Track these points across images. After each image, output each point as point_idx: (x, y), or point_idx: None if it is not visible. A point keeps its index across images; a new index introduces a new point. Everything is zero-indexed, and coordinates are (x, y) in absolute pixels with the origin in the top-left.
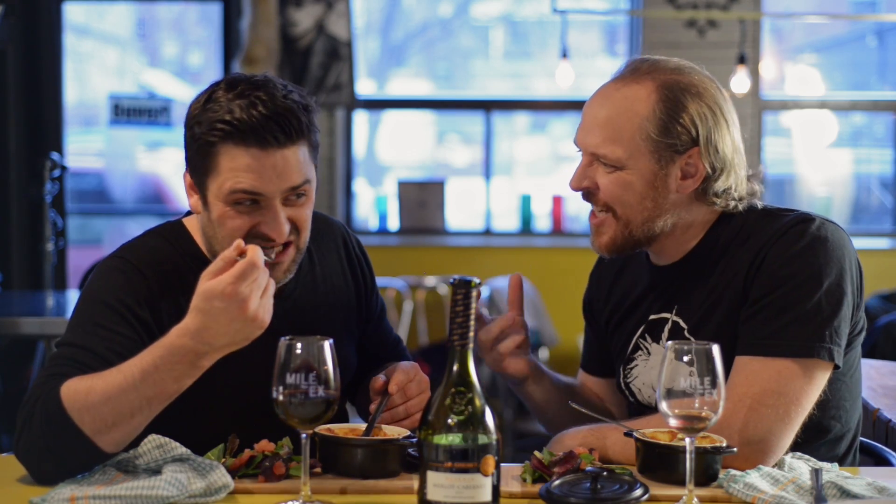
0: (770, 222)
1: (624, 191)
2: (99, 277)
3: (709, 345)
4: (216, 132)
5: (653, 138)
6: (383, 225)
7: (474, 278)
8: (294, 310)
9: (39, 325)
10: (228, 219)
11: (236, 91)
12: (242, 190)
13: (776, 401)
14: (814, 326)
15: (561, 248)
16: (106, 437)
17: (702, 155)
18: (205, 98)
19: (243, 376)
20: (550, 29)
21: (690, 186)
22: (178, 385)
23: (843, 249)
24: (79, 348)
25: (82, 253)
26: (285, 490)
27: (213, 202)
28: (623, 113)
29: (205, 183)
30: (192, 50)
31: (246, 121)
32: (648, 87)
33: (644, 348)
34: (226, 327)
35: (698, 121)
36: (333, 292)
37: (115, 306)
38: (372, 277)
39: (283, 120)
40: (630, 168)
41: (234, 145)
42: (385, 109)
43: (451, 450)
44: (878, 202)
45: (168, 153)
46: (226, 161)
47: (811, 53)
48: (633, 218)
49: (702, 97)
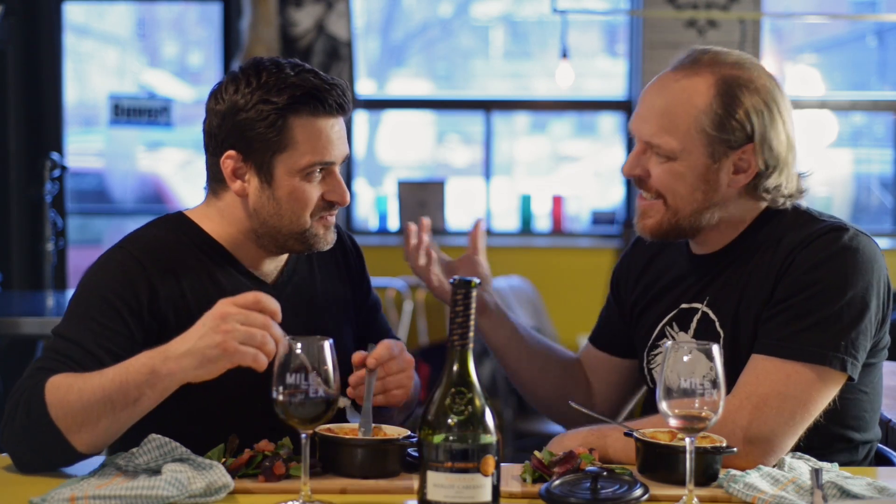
0: (803, 227)
1: (676, 181)
2: (98, 269)
3: (709, 345)
4: (288, 104)
5: (707, 132)
6: (383, 225)
7: (474, 278)
8: (293, 298)
9: (39, 325)
10: (303, 192)
11: (286, 66)
12: (321, 161)
13: (782, 403)
14: (830, 335)
15: (561, 248)
16: (77, 437)
17: (756, 152)
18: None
19: (243, 376)
20: (550, 29)
21: (742, 182)
22: (138, 392)
23: (873, 263)
24: (70, 342)
25: (82, 253)
26: (285, 490)
27: (282, 178)
28: (680, 104)
29: (271, 161)
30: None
31: (318, 86)
32: (707, 80)
33: (670, 336)
34: (193, 331)
35: (754, 117)
36: (329, 284)
37: (111, 301)
38: (364, 271)
39: (339, 88)
40: (683, 159)
41: (307, 115)
42: (385, 109)
43: (451, 450)
44: (878, 202)
45: (168, 153)
46: (301, 133)
47: (811, 53)
48: (683, 208)
49: (759, 93)
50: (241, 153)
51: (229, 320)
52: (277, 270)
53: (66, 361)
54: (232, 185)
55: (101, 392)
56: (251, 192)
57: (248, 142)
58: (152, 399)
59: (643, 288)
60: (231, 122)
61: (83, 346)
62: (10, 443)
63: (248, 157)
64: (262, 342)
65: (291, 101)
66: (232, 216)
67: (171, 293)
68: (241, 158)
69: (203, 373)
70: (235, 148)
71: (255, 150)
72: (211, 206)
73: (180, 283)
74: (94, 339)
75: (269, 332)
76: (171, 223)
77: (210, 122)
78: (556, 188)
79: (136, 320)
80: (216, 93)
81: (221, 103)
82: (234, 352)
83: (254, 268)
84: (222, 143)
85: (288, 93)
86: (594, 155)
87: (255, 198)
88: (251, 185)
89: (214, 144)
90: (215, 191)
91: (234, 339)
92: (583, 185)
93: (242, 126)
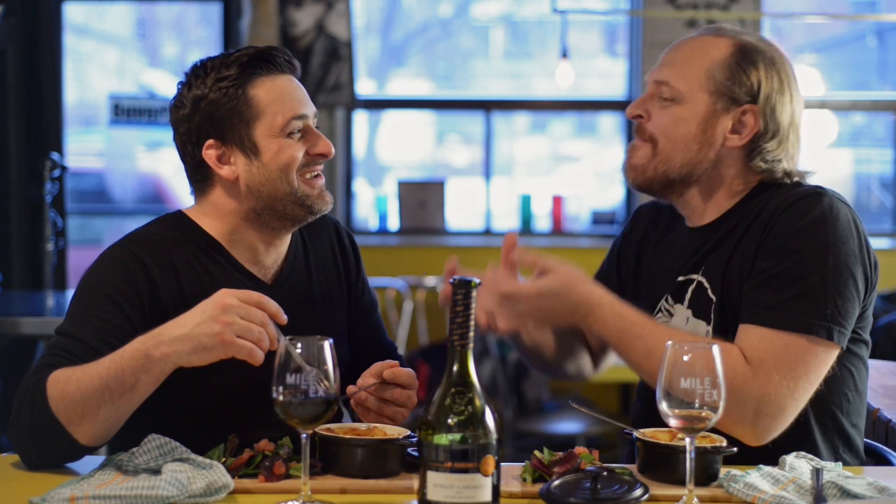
0: (780, 192)
1: (674, 125)
2: (99, 266)
3: (709, 345)
4: (241, 72)
5: (716, 79)
6: (383, 225)
7: (474, 278)
8: (290, 297)
9: (39, 325)
10: (287, 149)
11: (226, 52)
12: (294, 116)
13: (786, 372)
14: (816, 303)
15: (561, 248)
16: (79, 429)
17: (758, 114)
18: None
19: (243, 376)
20: (550, 29)
21: (736, 142)
22: (134, 378)
23: (853, 231)
24: (73, 339)
25: (82, 253)
26: (285, 490)
27: (265, 145)
28: (697, 53)
29: (249, 133)
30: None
31: (261, 51)
32: (728, 41)
33: (666, 311)
34: (191, 316)
35: (764, 81)
36: (326, 281)
37: (112, 296)
38: (360, 269)
39: (280, 49)
40: (687, 104)
41: (263, 77)
42: (385, 109)
43: (451, 450)
44: (878, 202)
45: (168, 153)
46: (264, 95)
47: (811, 53)
48: (675, 156)
49: (775, 66)
50: (218, 139)
51: (230, 312)
52: (276, 267)
53: (69, 357)
54: (220, 171)
55: (97, 381)
56: (241, 171)
57: (221, 124)
58: (148, 384)
59: (643, 263)
60: (198, 115)
61: (86, 341)
62: (17, 440)
63: (227, 140)
64: (259, 339)
65: (242, 68)
66: (226, 206)
67: (170, 288)
68: (221, 143)
69: (196, 359)
70: (211, 136)
71: (230, 128)
72: (204, 204)
73: (179, 278)
74: (96, 334)
75: (266, 330)
76: (169, 221)
77: (178, 130)
78: (556, 188)
79: (138, 314)
80: (175, 104)
81: (183, 107)
82: (230, 343)
83: (251, 264)
84: (198, 140)
85: (236, 64)
86: (594, 155)
87: (246, 174)
88: (239, 164)
89: (191, 147)
90: (202, 190)
91: (233, 331)
92: (583, 185)
93: (209, 112)
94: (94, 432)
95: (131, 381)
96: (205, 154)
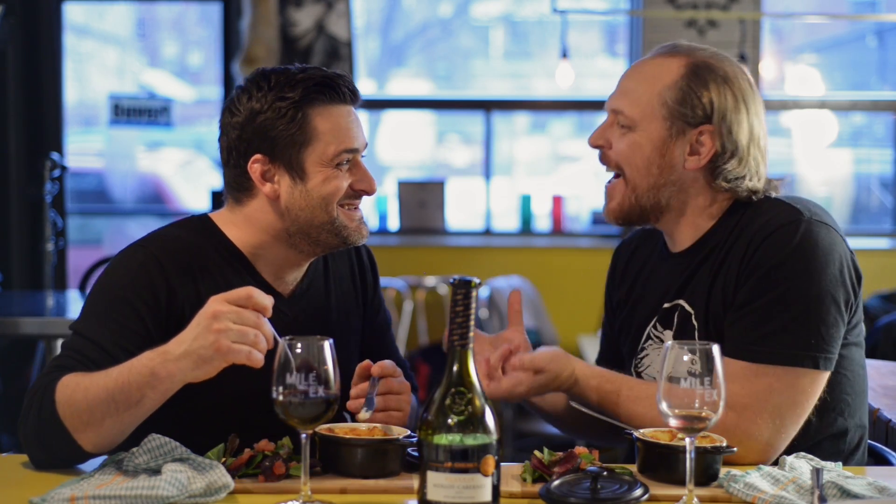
0: (760, 215)
1: (633, 152)
2: (119, 266)
3: (709, 345)
4: (303, 96)
5: (668, 105)
6: (383, 225)
7: (474, 278)
8: (306, 311)
9: (39, 325)
10: (334, 180)
11: (292, 67)
12: (347, 149)
13: (772, 409)
14: (800, 335)
15: (561, 248)
16: (83, 436)
17: (714, 133)
18: (257, 86)
19: (243, 376)
20: (550, 29)
21: (696, 164)
22: (140, 394)
23: (831, 254)
24: (89, 341)
25: (82, 253)
26: (285, 490)
27: (312, 172)
28: (649, 79)
29: (300, 156)
30: (192, 50)
31: (328, 77)
32: (680, 62)
33: (655, 338)
34: (188, 332)
35: (716, 100)
36: (343, 297)
37: (130, 300)
38: (377, 287)
39: (347, 78)
40: (642, 129)
41: (324, 104)
42: (385, 109)
43: (451, 450)
44: (878, 202)
45: (168, 153)
46: (322, 123)
47: (811, 53)
48: (640, 183)
49: (728, 82)
50: (266, 155)
51: (222, 319)
52: (295, 282)
53: (83, 360)
54: (262, 188)
55: (104, 393)
56: (283, 191)
57: (272, 142)
58: (155, 400)
59: (628, 290)
60: (251, 127)
61: (101, 345)
62: (25, 440)
63: (276, 158)
64: (255, 341)
65: (306, 92)
66: (260, 221)
67: (188, 295)
68: (269, 160)
69: (200, 373)
70: (260, 151)
71: (281, 148)
72: (236, 212)
73: (198, 286)
74: (112, 338)
75: (261, 331)
76: (194, 225)
77: (228, 135)
78: (556, 188)
79: (155, 320)
80: (229, 107)
81: (238, 114)
82: (227, 350)
83: (272, 278)
84: (246, 151)
85: (301, 86)
86: (594, 155)
87: (288, 196)
88: (282, 184)
89: (237, 155)
90: (238, 199)
91: (228, 338)
92: (583, 185)
93: (263, 128)
94: (99, 440)
95: (137, 397)
96: (250, 167)
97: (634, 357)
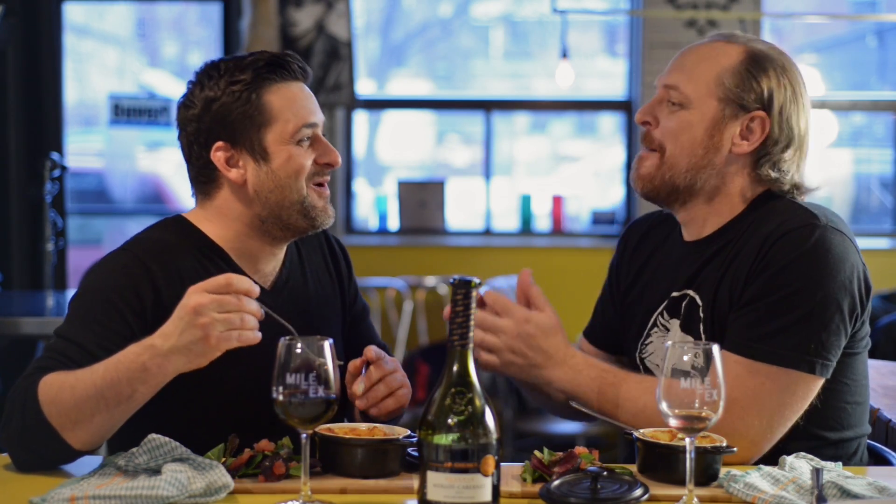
0: (778, 215)
1: (682, 130)
2: (102, 270)
3: (710, 345)
4: (255, 77)
5: (725, 86)
6: (383, 225)
7: (474, 278)
8: (288, 303)
9: (39, 325)
10: (298, 157)
11: (238, 55)
12: (305, 123)
13: (760, 409)
14: (799, 338)
15: (561, 248)
16: (72, 434)
17: (766, 121)
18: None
19: (243, 376)
20: (550, 29)
21: (745, 148)
22: (131, 389)
23: (844, 262)
24: (71, 343)
25: (82, 253)
26: (285, 490)
27: (275, 151)
28: (707, 59)
29: (260, 138)
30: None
31: (277, 56)
32: (740, 48)
33: (662, 326)
34: (172, 327)
35: (775, 88)
36: (321, 287)
37: (114, 302)
38: (352, 275)
39: (295, 56)
40: (695, 108)
41: (276, 83)
42: (385, 109)
43: (451, 450)
44: (878, 202)
45: (168, 153)
46: (277, 101)
47: (811, 53)
48: (680, 162)
49: (787, 74)
50: (227, 141)
51: (204, 312)
52: (274, 274)
53: (64, 361)
54: (228, 174)
55: (93, 389)
56: (249, 175)
57: (231, 126)
58: (145, 394)
59: (636, 275)
60: (209, 116)
61: (84, 346)
62: (9, 443)
63: (237, 143)
64: (242, 325)
65: (257, 73)
66: (232, 211)
67: (173, 295)
68: (230, 146)
69: (194, 365)
70: (221, 138)
71: (241, 132)
72: (207, 207)
73: (184, 285)
74: (95, 339)
75: (245, 311)
76: (171, 226)
77: (186, 130)
78: (556, 188)
79: (140, 322)
80: (184, 102)
81: (194, 107)
82: (217, 341)
83: (252, 272)
84: (206, 141)
85: (251, 68)
86: (594, 155)
87: (254, 178)
88: (248, 168)
89: (198, 148)
90: (206, 193)
91: (215, 329)
92: (583, 185)
93: (221, 114)
94: (88, 438)
95: (128, 392)
96: (213, 156)
97: (639, 343)
